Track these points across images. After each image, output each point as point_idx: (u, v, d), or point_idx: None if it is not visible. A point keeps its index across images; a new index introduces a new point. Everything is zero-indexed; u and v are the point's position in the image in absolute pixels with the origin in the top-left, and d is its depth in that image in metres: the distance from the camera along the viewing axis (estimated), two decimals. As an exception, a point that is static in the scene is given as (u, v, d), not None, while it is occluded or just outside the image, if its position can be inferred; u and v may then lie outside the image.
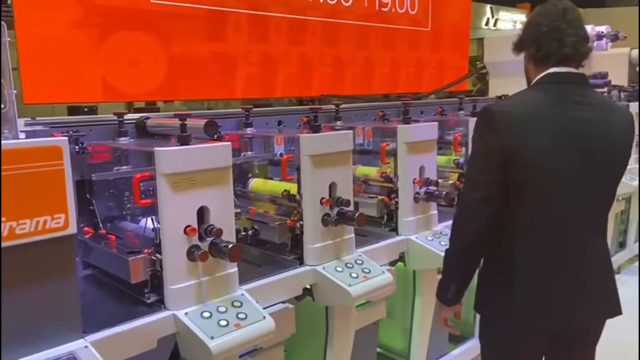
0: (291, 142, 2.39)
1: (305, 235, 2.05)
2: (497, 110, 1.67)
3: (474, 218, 1.68)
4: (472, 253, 1.75)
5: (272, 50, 3.98)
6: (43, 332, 1.41)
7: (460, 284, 1.80)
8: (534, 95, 1.71)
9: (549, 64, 1.69)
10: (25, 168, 1.35)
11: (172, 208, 1.65)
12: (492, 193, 1.64)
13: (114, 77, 3.35)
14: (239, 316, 1.69)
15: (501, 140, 1.62)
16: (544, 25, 1.68)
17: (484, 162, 1.67)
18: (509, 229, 1.68)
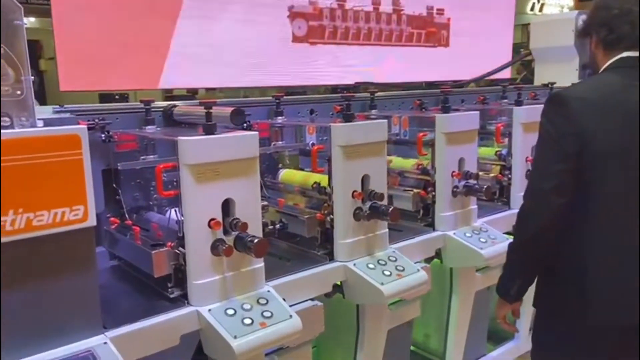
0: (323, 132, 2.29)
1: (336, 230, 1.95)
2: (570, 95, 1.59)
3: (544, 209, 1.58)
4: (541, 247, 1.64)
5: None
6: (61, 327, 1.36)
7: (525, 280, 1.71)
8: (608, 81, 1.61)
9: (620, 48, 1.60)
10: (42, 157, 1.30)
11: (195, 200, 1.58)
12: (564, 182, 1.54)
13: (150, 64, 3.33)
14: (265, 314, 1.61)
15: (574, 127, 1.53)
16: (615, 8, 1.59)
17: (554, 149, 1.57)
18: (580, 221, 1.58)
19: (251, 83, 4.07)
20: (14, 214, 1.26)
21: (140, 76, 3.39)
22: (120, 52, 3.11)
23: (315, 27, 4.02)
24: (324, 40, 4.13)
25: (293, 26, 3.93)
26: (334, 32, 4.15)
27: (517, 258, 1.72)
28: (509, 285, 1.72)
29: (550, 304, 1.68)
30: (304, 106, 2.51)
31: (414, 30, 4.75)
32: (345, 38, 4.24)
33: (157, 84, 3.54)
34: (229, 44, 3.54)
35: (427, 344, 2.73)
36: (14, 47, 1.27)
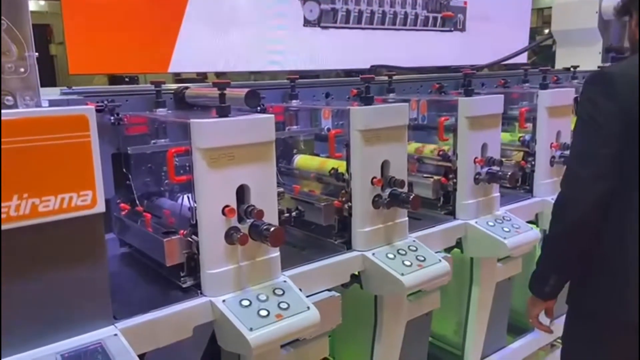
0: (340, 116, 2.20)
1: (354, 218, 1.87)
2: (616, 72, 1.49)
3: (585, 198, 1.47)
4: (580, 240, 1.53)
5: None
6: (69, 318, 1.30)
7: (562, 276, 1.60)
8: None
9: None
10: (48, 139, 1.22)
11: (209, 186, 1.50)
12: (607, 168, 1.44)
13: (159, 47, 3.24)
14: (281, 306, 1.54)
15: (622, 107, 1.43)
16: None
17: (597, 132, 1.46)
18: (622, 212, 1.47)
19: (261, 67, 3.98)
20: (19, 199, 1.19)
21: (150, 59, 3.31)
22: (130, 34, 3.03)
23: (327, 10, 3.91)
24: (337, 25, 4.02)
25: (304, 9, 3.83)
26: (346, 15, 4.04)
27: (554, 251, 1.60)
28: (544, 282, 1.62)
29: (586, 301, 1.57)
30: (320, 89, 2.41)
31: (430, 14, 4.62)
32: (358, 22, 4.12)
33: (167, 67, 3.46)
34: (239, 27, 3.45)
35: (446, 336, 2.66)
36: (16, 21, 1.20)
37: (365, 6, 4.15)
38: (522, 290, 2.78)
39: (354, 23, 4.12)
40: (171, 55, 3.35)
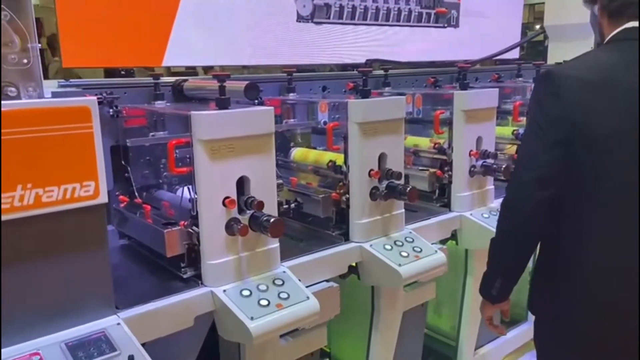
0: (336, 109, 2.21)
1: (352, 210, 1.89)
2: (561, 73, 1.40)
3: (527, 202, 1.42)
4: (523, 243, 1.49)
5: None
6: (73, 307, 1.31)
7: (507, 279, 1.56)
8: (606, 57, 1.42)
9: (625, 18, 1.40)
10: (51, 130, 1.23)
11: (210, 177, 1.52)
12: (550, 173, 1.38)
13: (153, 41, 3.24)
14: (281, 296, 1.56)
15: (565, 110, 1.36)
16: None
17: (541, 135, 1.40)
18: (572, 217, 1.42)
19: (255, 61, 3.99)
20: (22, 189, 1.20)
21: (143, 53, 3.31)
22: (124, 28, 3.02)
23: (320, 6, 3.91)
24: (330, 20, 4.03)
25: (297, 5, 3.83)
26: (340, 11, 4.05)
27: (498, 254, 1.57)
28: (490, 284, 1.57)
29: (544, 307, 1.55)
30: (316, 83, 2.43)
31: (423, 10, 4.64)
32: (352, 18, 4.13)
33: (161, 61, 3.46)
34: (233, 22, 3.45)
35: (440, 327, 2.69)
36: (19, 12, 1.20)
37: (358, 2, 4.16)
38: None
39: (348, 19, 4.14)
40: (165, 49, 3.34)
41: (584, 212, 1.41)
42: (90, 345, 1.26)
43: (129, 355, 1.24)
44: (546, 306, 1.54)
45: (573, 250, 1.43)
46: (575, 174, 1.38)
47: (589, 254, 1.41)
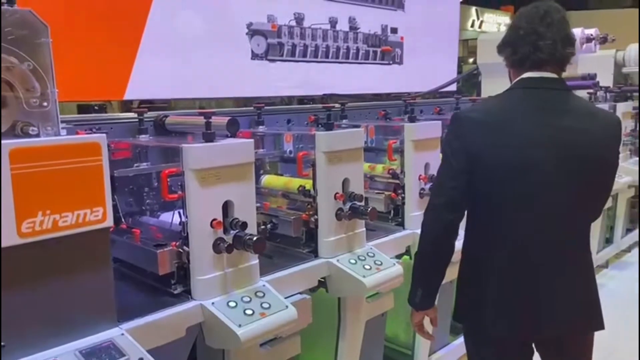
0: (300, 140, 2.48)
1: (320, 229, 2.14)
2: (463, 116, 1.67)
3: (436, 223, 1.66)
4: (435, 258, 1.72)
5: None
6: (82, 320, 1.47)
7: (426, 289, 1.76)
8: (504, 101, 1.65)
9: (524, 68, 1.62)
10: (66, 163, 1.41)
11: (199, 202, 1.72)
12: (455, 199, 1.62)
13: (115, 76, 3.41)
14: (263, 306, 1.77)
15: (465, 147, 1.59)
16: (522, 29, 1.61)
17: (448, 167, 1.64)
18: (478, 238, 1.67)
19: (211, 94, 4.20)
20: (42, 215, 1.37)
21: (106, 87, 3.46)
22: (88, 65, 3.18)
23: (274, 44, 4.19)
24: (283, 58, 4.30)
25: (252, 43, 4.09)
26: (292, 49, 4.34)
27: (417, 268, 1.78)
28: (414, 294, 1.76)
29: (463, 317, 1.78)
30: (282, 116, 2.69)
31: (370, 49, 5.02)
32: (304, 55, 4.43)
33: (123, 95, 3.62)
34: (190, 59, 3.67)
35: (398, 338, 2.94)
36: (41, 62, 1.39)
37: (309, 41, 4.48)
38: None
39: (300, 56, 4.44)
40: (127, 84, 3.52)
41: (487, 232, 1.64)
42: (102, 352, 1.42)
43: (139, 358, 1.41)
44: (464, 311, 1.77)
45: (480, 256, 1.68)
46: (478, 198, 1.62)
47: (493, 258, 1.63)
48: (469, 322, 1.77)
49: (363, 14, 4.86)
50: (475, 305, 1.69)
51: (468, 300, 1.74)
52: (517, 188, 1.57)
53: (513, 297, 1.62)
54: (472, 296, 1.71)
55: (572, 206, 1.60)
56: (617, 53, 5.65)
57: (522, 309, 1.62)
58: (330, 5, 4.62)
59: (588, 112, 1.66)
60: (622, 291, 3.89)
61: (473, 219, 1.69)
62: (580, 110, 1.65)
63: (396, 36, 5.24)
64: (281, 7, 4.21)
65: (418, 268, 1.78)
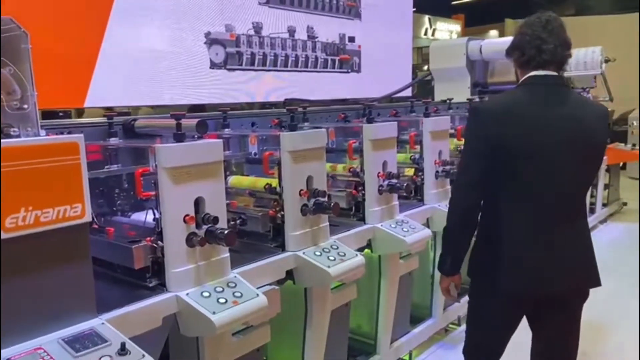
0: (265, 142, 2.60)
1: (287, 224, 2.26)
2: (480, 107, 2.02)
3: (463, 199, 1.98)
4: (463, 229, 2.01)
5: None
6: (65, 310, 1.54)
7: (454, 257, 2.06)
8: (515, 95, 2.00)
9: (530, 68, 1.94)
10: (47, 162, 1.49)
11: (172, 199, 1.82)
12: (478, 178, 1.93)
13: (75, 84, 3.45)
14: (235, 295, 1.88)
15: (485, 131, 1.91)
16: (527, 35, 1.93)
17: (472, 150, 1.96)
18: (498, 207, 1.95)
19: (171, 101, 4.27)
20: (25, 211, 1.45)
21: (66, 95, 3.49)
22: (49, 73, 3.21)
23: (232, 54, 4.29)
24: (242, 67, 4.41)
25: (210, 53, 4.18)
26: (251, 58, 4.44)
27: (446, 239, 2.08)
28: (444, 262, 2.09)
29: (478, 274, 2.06)
30: (247, 120, 2.81)
31: (328, 57, 5.19)
32: (263, 64, 4.55)
33: (83, 102, 3.65)
34: (149, 67, 3.74)
35: (361, 329, 3.09)
36: (21, 67, 1.47)
37: (269, 50, 4.60)
38: (420, 286, 3.33)
39: (259, 65, 4.55)
40: (87, 91, 3.56)
41: (505, 202, 1.94)
42: (85, 339, 1.50)
43: (121, 343, 1.50)
44: (480, 266, 2.04)
45: (499, 224, 1.95)
46: (498, 176, 1.92)
47: (507, 226, 1.93)
48: (483, 279, 2.02)
49: (321, 23, 5.03)
50: (488, 265, 1.95)
51: (482, 261, 2.01)
52: (529, 165, 1.88)
53: (528, 256, 1.90)
54: (486, 258, 1.98)
55: (574, 179, 1.92)
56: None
57: (536, 267, 1.90)
58: (289, 15, 4.77)
59: (582, 103, 2.01)
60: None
61: (492, 194, 1.96)
62: (575, 101, 1.97)
63: (354, 45, 5.44)
64: (239, 16, 4.32)
65: (447, 239, 2.08)
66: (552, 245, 1.90)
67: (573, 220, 1.95)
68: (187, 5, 3.93)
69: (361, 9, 5.52)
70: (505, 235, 1.93)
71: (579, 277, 1.96)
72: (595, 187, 6.09)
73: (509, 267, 1.92)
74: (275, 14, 4.69)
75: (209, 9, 4.12)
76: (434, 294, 3.39)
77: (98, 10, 3.49)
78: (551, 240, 1.90)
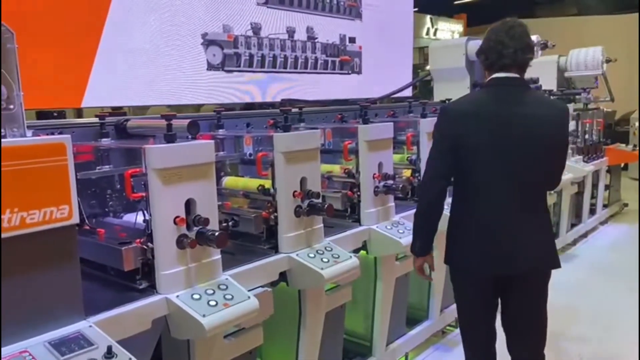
0: (260, 142, 2.59)
1: (280, 226, 2.24)
2: (448, 107, 2.19)
3: (429, 189, 2.17)
4: (429, 216, 2.19)
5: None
6: (52, 313, 1.53)
7: (422, 239, 2.24)
8: (479, 95, 2.22)
9: (493, 70, 2.11)
10: (34, 163, 1.48)
11: (162, 200, 1.80)
12: (444, 171, 2.13)
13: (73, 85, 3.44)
14: (226, 297, 1.86)
15: (450, 130, 2.10)
16: (491, 40, 2.10)
17: (438, 146, 2.14)
18: (461, 198, 2.17)
19: (167, 101, 4.24)
20: (11, 212, 1.43)
21: (63, 95, 3.48)
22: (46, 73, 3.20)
23: (230, 55, 4.25)
24: (240, 68, 4.38)
25: (207, 54, 4.15)
26: (250, 59, 4.41)
27: (415, 223, 2.26)
28: (414, 244, 2.26)
29: (449, 259, 2.23)
30: (242, 120, 2.79)
31: (329, 58, 5.15)
32: (261, 66, 4.51)
33: (80, 103, 3.64)
34: (146, 68, 3.72)
35: (356, 330, 3.07)
36: (7, 68, 1.45)
37: (267, 51, 4.57)
38: (417, 287, 3.31)
39: (257, 67, 4.52)
40: (84, 92, 3.55)
41: (467, 193, 2.14)
42: (71, 343, 1.48)
43: (107, 346, 1.48)
44: (451, 255, 2.21)
45: (462, 214, 2.16)
46: (461, 168, 2.10)
47: (473, 215, 2.12)
48: (454, 264, 2.22)
49: (321, 24, 4.99)
50: (458, 250, 2.17)
51: (453, 247, 2.20)
52: (488, 160, 2.06)
53: (488, 241, 2.09)
54: (457, 243, 2.18)
55: (531, 172, 2.06)
56: (559, 58, 6.01)
57: (495, 250, 2.08)
58: (288, 15, 4.74)
59: (540, 102, 2.14)
60: (567, 282, 4.13)
61: (457, 185, 2.18)
62: (533, 100, 2.12)
63: (354, 46, 5.40)
64: (237, 17, 4.30)
65: (417, 223, 2.26)
66: (509, 231, 2.07)
67: (531, 210, 2.10)
68: (184, 6, 3.92)
69: (362, 9, 5.49)
70: (467, 223, 2.13)
71: (534, 259, 2.10)
72: (596, 188, 6.06)
73: (471, 251, 2.12)
74: (275, 14, 4.66)
75: (206, 9, 4.10)
76: (431, 295, 3.37)
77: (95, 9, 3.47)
78: (508, 227, 2.07)
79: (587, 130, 5.70)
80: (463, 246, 2.14)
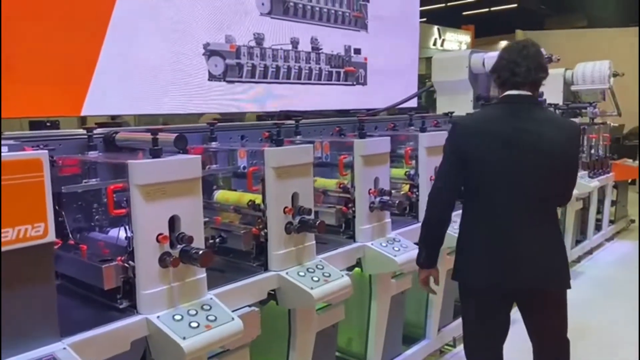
0: (254, 156, 2.53)
1: (270, 243, 2.18)
2: (458, 122, 2.26)
3: (436, 202, 2.21)
4: (435, 228, 2.23)
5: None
6: (24, 334, 1.47)
7: (428, 251, 2.27)
8: (489, 112, 2.33)
9: (506, 88, 2.18)
10: (7, 180, 1.43)
11: (144, 217, 1.75)
12: (452, 184, 2.18)
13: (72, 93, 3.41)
14: (209, 318, 1.80)
15: (460, 145, 2.15)
16: (505, 59, 2.17)
17: (447, 160, 2.20)
18: (468, 212, 2.21)
19: (168, 111, 4.20)
20: (-19, 230, 1.38)
21: (62, 103, 3.45)
22: (46, 83, 3.18)
23: (232, 65, 4.21)
24: (242, 79, 4.33)
25: (209, 64, 4.10)
26: (252, 70, 4.36)
27: (421, 235, 2.28)
28: (419, 255, 2.29)
29: (456, 274, 2.24)
30: (236, 132, 2.73)
31: (333, 69, 5.10)
32: (264, 77, 4.46)
33: (80, 111, 3.61)
34: (148, 77, 3.69)
35: (350, 348, 2.99)
36: (-18, 79, 1.41)
37: (270, 61, 4.51)
38: (414, 304, 3.23)
39: (260, 77, 4.46)
40: (84, 100, 3.52)
41: (474, 207, 2.18)
42: (41, 367, 1.43)
43: (78, 372, 1.42)
44: (458, 271, 2.23)
45: (473, 229, 2.18)
46: (469, 183, 2.16)
47: (481, 231, 2.15)
48: (461, 279, 2.24)
49: (326, 34, 4.94)
50: (465, 266, 2.19)
51: (460, 263, 2.22)
52: (497, 176, 2.10)
53: (496, 257, 2.10)
54: (463, 259, 2.20)
55: (537, 188, 2.09)
56: (566, 72, 5.92)
57: (503, 266, 2.09)
58: (292, 26, 4.70)
59: (548, 120, 2.17)
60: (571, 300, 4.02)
61: (467, 201, 2.22)
62: (545, 118, 2.16)
63: (360, 57, 5.34)
64: (240, 27, 4.26)
65: (421, 235, 2.28)
66: (514, 248, 2.08)
67: (538, 226, 2.11)
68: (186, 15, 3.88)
69: (367, 20, 5.45)
70: (476, 239, 2.16)
71: (543, 277, 2.10)
72: (602, 204, 5.95)
73: (476, 267, 2.14)
74: (278, 25, 4.62)
75: (208, 19, 4.07)
76: (429, 313, 3.28)
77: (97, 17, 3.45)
78: (513, 244, 2.08)
79: (593, 145, 5.60)
80: (471, 262, 2.16)
